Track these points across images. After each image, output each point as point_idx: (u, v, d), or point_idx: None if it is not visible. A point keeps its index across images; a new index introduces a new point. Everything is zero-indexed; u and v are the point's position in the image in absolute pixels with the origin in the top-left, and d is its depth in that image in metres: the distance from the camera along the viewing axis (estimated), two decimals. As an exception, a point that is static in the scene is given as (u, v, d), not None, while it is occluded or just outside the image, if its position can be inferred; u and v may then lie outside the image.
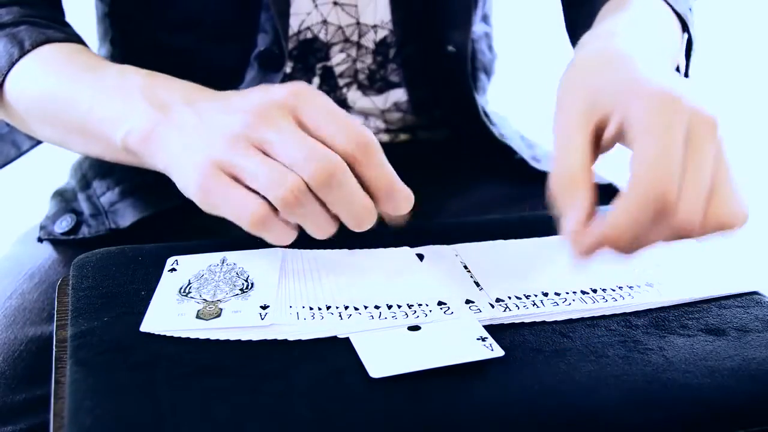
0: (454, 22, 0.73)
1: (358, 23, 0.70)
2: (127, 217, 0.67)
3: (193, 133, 0.49)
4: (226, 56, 0.69)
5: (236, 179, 0.47)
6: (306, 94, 0.48)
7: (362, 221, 0.48)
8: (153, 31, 0.70)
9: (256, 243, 0.54)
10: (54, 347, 0.45)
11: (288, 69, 0.70)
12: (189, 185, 0.48)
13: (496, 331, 0.45)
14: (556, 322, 0.47)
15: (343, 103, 0.73)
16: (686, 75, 0.67)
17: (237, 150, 0.46)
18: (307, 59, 0.71)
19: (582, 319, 0.47)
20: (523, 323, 0.47)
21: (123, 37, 0.72)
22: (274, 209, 0.47)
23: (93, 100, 0.56)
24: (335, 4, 0.69)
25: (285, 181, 0.45)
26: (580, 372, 0.43)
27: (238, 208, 0.46)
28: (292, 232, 0.48)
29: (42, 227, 0.68)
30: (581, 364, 0.43)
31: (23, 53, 0.59)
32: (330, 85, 0.72)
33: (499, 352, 0.43)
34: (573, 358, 0.44)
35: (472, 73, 0.76)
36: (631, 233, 0.42)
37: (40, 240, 0.67)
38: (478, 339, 0.44)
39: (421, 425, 0.39)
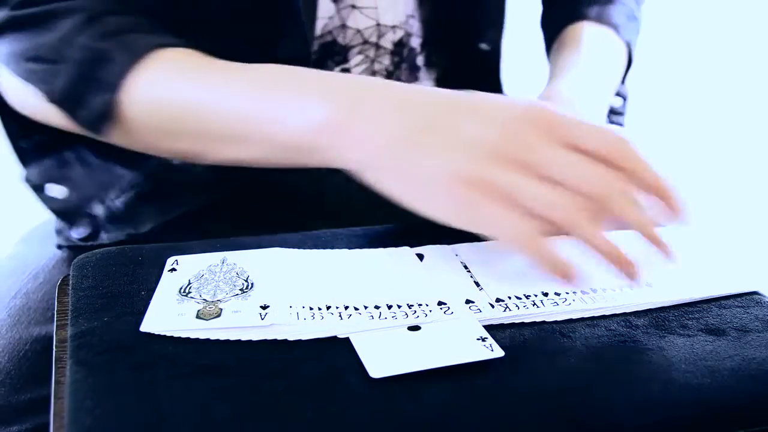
0: (489, 19, 0.74)
1: (378, 24, 0.70)
2: (145, 222, 0.66)
3: (433, 140, 0.46)
4: (245, 59, 0.68)
5: (498, 196, 0.45)
6: (550, 111, 0.46)
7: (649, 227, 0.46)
8: (175, 35, 0.69)
9: (255, 244, 0.54)
10: (54, 347, 0.45)
11: None
12: (435, 196, 0.46)
13: (496, 331, 0.45)
14: (556, 322, 0.47)
15: None
16: (622, 82, 0.80)
17: (502, 167, 0.44)
18: (326, 63, 0.70)
19: (582, 319, 0.47)
20: (523, 323, 0.47)
21: None
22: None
23: (246, 101, 0.52)
24: (353, 7, 0.69)
25: (568, 203, 0.44)
26: (580, 372, 0.43)
27: (506, 227, 0.45)
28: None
29: (58, 232, 0.67)
30: (581, 364, 0.43)
31: (137, 59, 0.55)
32: None
33: (499, 352, 0.43)
34: (573, 358, 0.44)
35: None
36: None
37: (59, 247, 0.66)
38: (478, 339, 0.44)
39: (421, 425, 0.39)
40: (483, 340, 0.44)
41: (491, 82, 0.76)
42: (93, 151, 0.64)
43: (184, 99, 0.54)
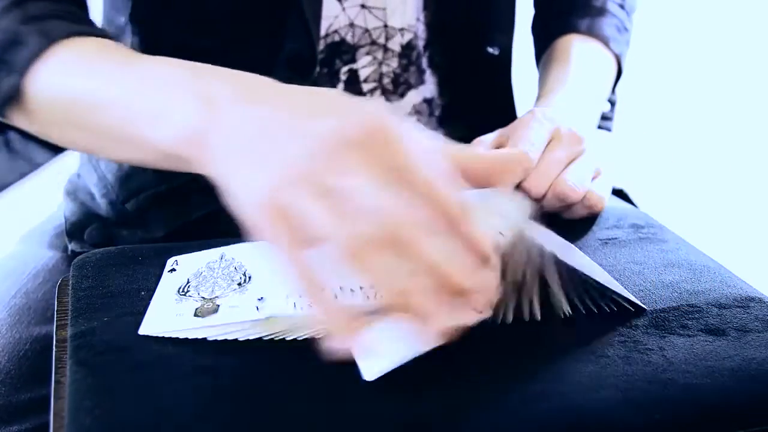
0: (497, 23, 0.74)
1: (385, 26, 0.70)
2: (160, 226, 0.65)
3: (254, 146, 0.43)
4: (251, 60, 0.67)
5: (294, 224, 0.41)
6: (388, 135, 0.41)
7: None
8: (178, 35, 0.68)
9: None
10: (54, 347, 0.45)
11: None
12: (245, 208, 0.42)
13: (495, 331, 0.45)
14: (556, 322, 0.47)
15: None
16: (612, 91, 0.81)
17: (297, 191, 0.40)
18: (334, 63, 0.70)
19: (582, 319, 0.47)
20: (524, 322, 0.47)
21: (144, 42, 0.71)
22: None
23: (129, 100, 0.49)
24: (363, 6, 0.69)
25: (351, 232, 0.39)
26: (580, 372, 0.43)
27: (283, 255, 0.41)
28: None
29: (69, 234, 0.66)
30: (581, 364, 0.43)
31: (48, 45, 0.52)
32: (354, 91, 0.72)
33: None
34: (573, 358, 0.44)
35: None
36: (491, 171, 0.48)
37: (74, 254, 0.65)
38: None
39: (421, 425, 0.39)
40: None
41: (501, 87, 0.76)
42: (17, 135, 0.62)
43: (78, 92, 0.52)
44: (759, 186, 1.76)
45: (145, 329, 0.45)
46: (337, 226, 0.39)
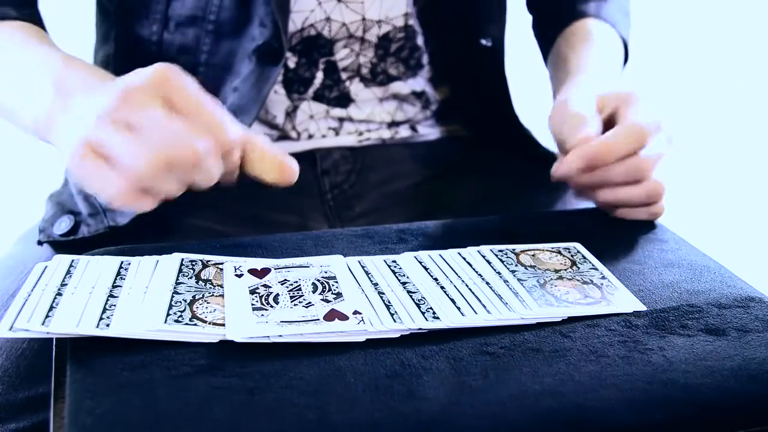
0: (489, 15, 0.74)
1: (363, 19, 0.71)
2: (125, 214, 0.66)
3: (75, 115, 0.52)
4: (226, 51, 0.69)
5: (106, 158, 0.49)
6: (170, 80, 0.50)
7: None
8: (157, 28, 0.71)
9: (255, 243, 0.54)
10: (54, 347, 0.45)
11: (291, 64, 0.71)
12: (67, 165, 0.51)
13: (495, 331, 0.46)
14: (556, 322, 0.47)
15: (346, 96, 0.73)
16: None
17: (104, 129, 0.49)
18: (311, 54, 0.71)
19: (582, 319, 0.47)
20: (523, 325, 0.47)
21: (126, 36, 0.72)
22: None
23: (10, 82, 0.59)
24: (339, 1, 0.69)
25: (143, 157, 0.47)
26: (580, 372, 0.43)
27: (101, 185, 0.49)
28: (152, 202, 0.50)
29: (41, 230, 0.67)
30: (581, 364, 0.43)
31: None
32: (333, 79, 0.73)
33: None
34: (573, 358, 0.44)
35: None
36: (614, 153, 0.57)
37: (39, 243, 0.66)
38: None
39: (421, 425, 0.39)
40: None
41: (495, 79, 0.76)
42: None
43: None
44: (759, 186, 1.76)
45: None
46: (138, 149, 0.48)
